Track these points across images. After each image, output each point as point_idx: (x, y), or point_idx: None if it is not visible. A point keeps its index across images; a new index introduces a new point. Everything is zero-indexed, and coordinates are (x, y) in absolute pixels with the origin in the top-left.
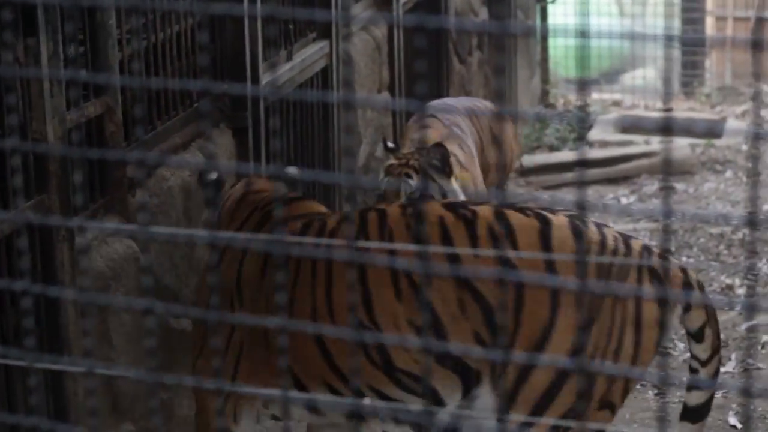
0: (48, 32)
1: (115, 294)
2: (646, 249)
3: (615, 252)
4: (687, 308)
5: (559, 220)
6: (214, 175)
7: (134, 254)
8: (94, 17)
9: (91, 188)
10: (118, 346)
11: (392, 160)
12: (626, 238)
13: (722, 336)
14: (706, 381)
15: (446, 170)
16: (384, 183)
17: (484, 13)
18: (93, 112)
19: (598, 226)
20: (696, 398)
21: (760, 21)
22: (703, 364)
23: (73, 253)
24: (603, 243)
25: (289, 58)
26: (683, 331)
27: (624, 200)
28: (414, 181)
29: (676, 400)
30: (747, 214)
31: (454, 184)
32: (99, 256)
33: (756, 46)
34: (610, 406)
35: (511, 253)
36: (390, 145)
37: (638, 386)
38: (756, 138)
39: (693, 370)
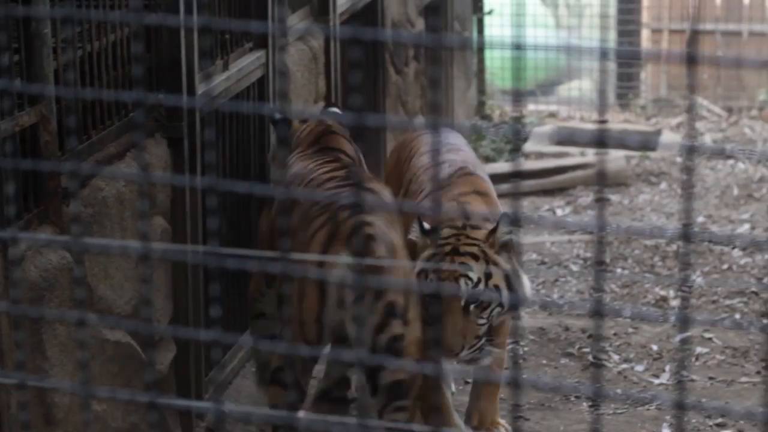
0: None
1: (49, 305)
2: None
3: None
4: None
5: None
6: (279, 115)
7: (68, 265)
8: (28, 26)
9: (25, 198)
10: (52, 358)
11: (433, 247)
12: None
13: (656, 348)
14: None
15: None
16: (437, 287)
17: (420, 24)
18: (27, 121)
19: None
20: None
21: (695, 34)
22: None
23: (5, 264)
24: None
25: (225, 68)
26: (617, 343)
27: (559, 212)
28: (474, 273)
29: (611, 412)
30: (681, 227)
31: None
32: (33, 266)
33: (691, 59)
34: None
35: None
36: (426, 226)
37: (572, 398)
38: (690, 151)
39: None
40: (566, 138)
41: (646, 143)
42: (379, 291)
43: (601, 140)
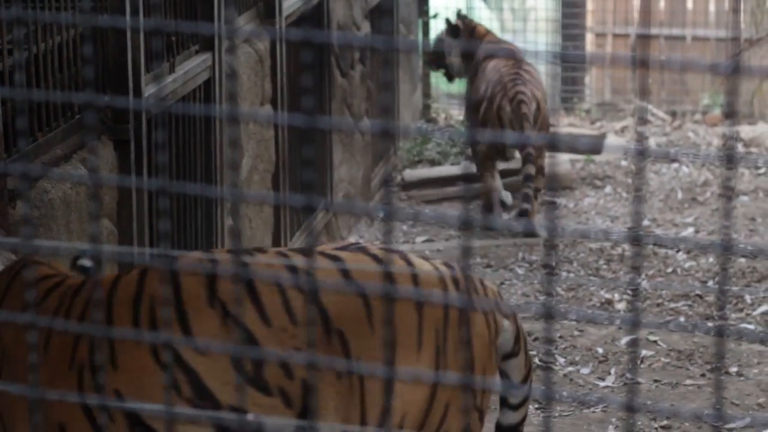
0: None
1: None
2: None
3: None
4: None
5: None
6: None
7: None
8: None
9: None
10: None
11: None
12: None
13: (601, 350)
14: (589, 396)
15: None
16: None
17: (366, 27)
18: None
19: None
20: (511, 418)
21: (643, 38)
22: (523, 380)
23: None
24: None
25: (172, 70)
26: (563, 346)
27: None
28: None
29: (557, 415)
30: (629, 230)
31: None
32: None
33: (642, 63)
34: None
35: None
36: None
37: None
38: (639, 154)
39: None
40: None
41: (591, 147)
42: None
43: (552, 143)
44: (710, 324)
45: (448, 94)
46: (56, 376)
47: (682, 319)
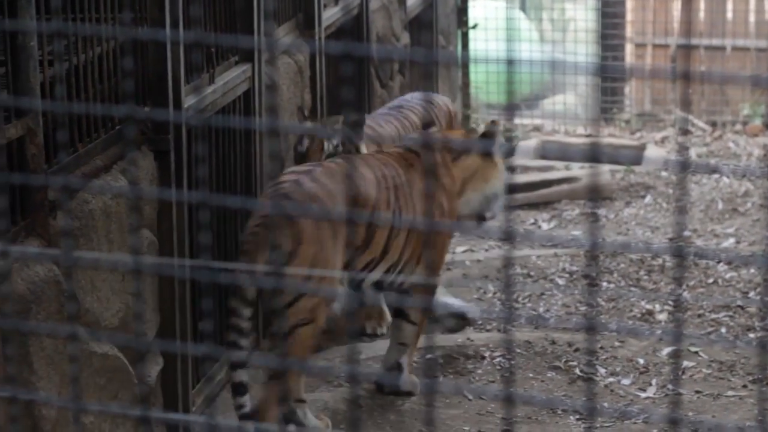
0: None
1: (36, 317)
2: None
3: None
4: None
5: None
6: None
7: (55, 277)
8: (15, 39)
9: (11, 211)
10: (39, 371)
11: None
12: None
13: (642, 361)
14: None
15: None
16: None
17: (405, 38)
18: (14, 134)
19: None
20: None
21: (687, 49)
22: None
23: None
24: None
25: (211, 81)
26: (604, 356)
27: (544, 225)
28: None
29: (597, 426)
30: (670, 242)
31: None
32: (20, 279)
33: (678, 74)
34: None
35: None
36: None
37: (559, 411)
38: (681, 166)
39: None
40: (552, 152)
41: (631, 157)
42: None
43: (594, 155)
44: (752, 335)
45: (487, 104)
46: None
47: (723, 330)
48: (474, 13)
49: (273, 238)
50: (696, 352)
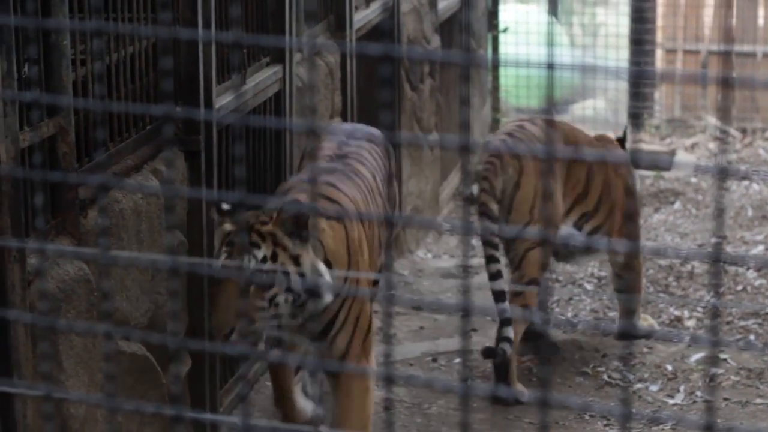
0: (2, 52)
1: (66, 316)
2: None
3: None
4: None
5: None
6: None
7: (85, 276)
8: (48, 38)
9: (42, 209)
10: (68, 369)
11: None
12: None
13: (671, 368)
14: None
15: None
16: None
17: (436, 41)
18: (46, 132)
19: None
20: None
21: (728, 56)
22: None
23: (24, 275)
24: None
25: (243, 82)
26: (632, 362)
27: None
28: (261, 251)
29: None
30: (700, 247)
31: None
32: (50, 277)
33: (717, 81)
34: None
35: None
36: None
37: (586, 416)
38: (722, 173)
39: None
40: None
41: (660, 163)
42: None
43: (634, 161)
44: None
45: (516, 108)
46: None
47: (752, 337)
48: (504, 17)
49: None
50: (725, 360)
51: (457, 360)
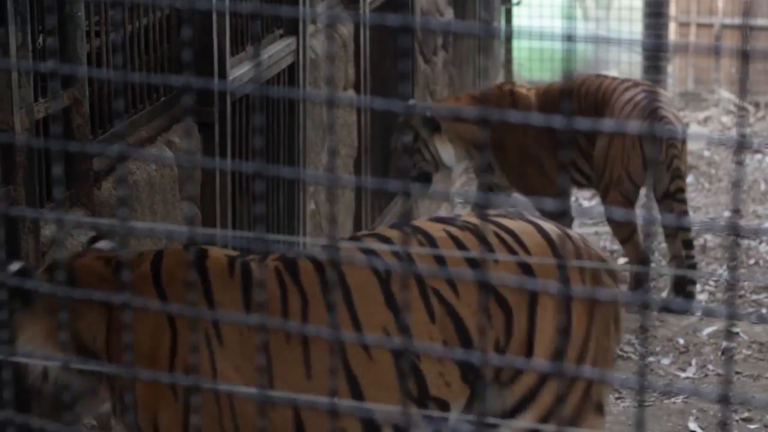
0: (17, 23)
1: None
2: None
3: (579, 255)
4: None
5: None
6: None
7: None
8: (63, 9)
9: (58, 180)
10: None
11: None
12: (584, 240)
13: (682, 341)
14: None
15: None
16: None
17: (449, 14)
18: (61, 104)
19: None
20: None
21: (747, 29)
22: None
23: (38, 246)
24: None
25: (257, 54)
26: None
27: (585, 203)
28: None
29: (635, 405)
30: (728, 222)
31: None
32: (63, 248)
33: (745, 54)
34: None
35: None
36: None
37: None
38: (740, 146)
39: None
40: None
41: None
42: None
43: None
44: None
45: (530, 81)
46: None
47: (764, 310)
48: None
49: None
50: (736, 333)
51: None
